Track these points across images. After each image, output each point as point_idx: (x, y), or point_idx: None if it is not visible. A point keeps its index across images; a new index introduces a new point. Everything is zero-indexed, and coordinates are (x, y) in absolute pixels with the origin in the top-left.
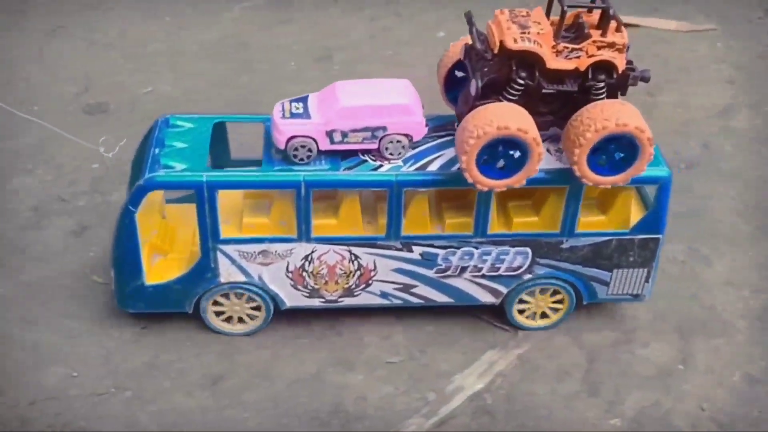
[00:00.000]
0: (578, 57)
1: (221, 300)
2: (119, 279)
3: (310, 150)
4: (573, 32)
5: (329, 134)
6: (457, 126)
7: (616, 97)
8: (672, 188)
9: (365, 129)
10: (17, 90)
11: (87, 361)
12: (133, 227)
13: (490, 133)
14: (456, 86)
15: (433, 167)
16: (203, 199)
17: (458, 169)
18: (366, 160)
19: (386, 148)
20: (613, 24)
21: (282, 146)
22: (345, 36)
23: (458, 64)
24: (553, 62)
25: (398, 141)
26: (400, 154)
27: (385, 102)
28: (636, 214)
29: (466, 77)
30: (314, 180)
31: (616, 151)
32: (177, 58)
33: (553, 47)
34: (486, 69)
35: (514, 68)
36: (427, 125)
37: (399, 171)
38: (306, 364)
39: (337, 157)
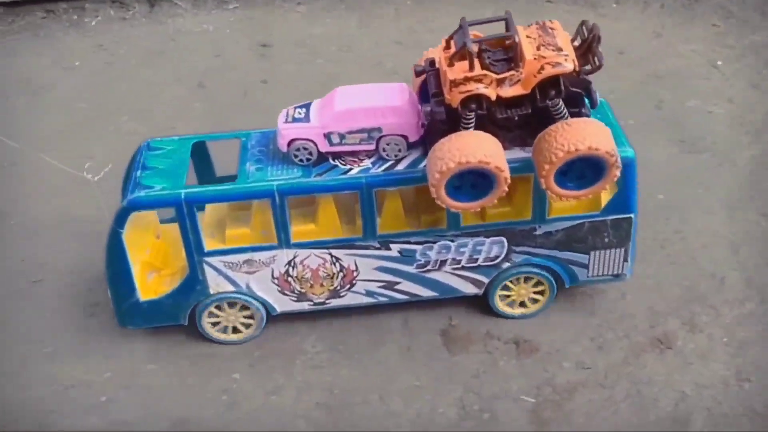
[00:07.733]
0: (519, 81)
1: (215, 311)
2: (115, 297)
3: (310, 152)
4: (507, 53)
5: (327, 136)
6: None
7: (582, 102)
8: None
9: (361, 131)
10: None
11: None
12: (121, 247)
13: (453, 168)
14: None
15: (401, 167)
16: (183, 214)
17: (424, 166)
18: (336, 165)
19: (383, 149)
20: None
21: (284, 149)
22: None
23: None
24: (498, 93)
25: (395, 143)
26: (397, 155)
27: (378, 104)
28: (606, 195)
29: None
30: (286, 187)
31: (582, 169)
32: None
33: (498, 77)
34: (438, 100)
35: (460, 107)
36: (423, 126)
37: (368, 173)
38: None
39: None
